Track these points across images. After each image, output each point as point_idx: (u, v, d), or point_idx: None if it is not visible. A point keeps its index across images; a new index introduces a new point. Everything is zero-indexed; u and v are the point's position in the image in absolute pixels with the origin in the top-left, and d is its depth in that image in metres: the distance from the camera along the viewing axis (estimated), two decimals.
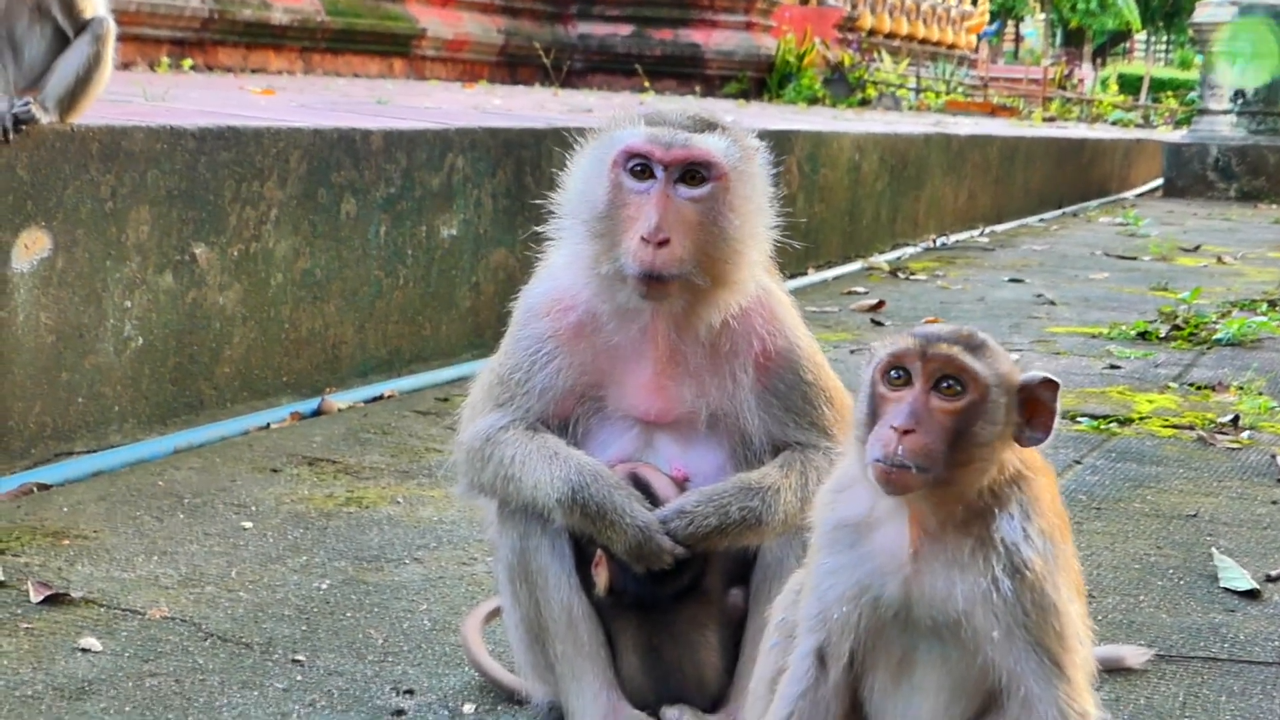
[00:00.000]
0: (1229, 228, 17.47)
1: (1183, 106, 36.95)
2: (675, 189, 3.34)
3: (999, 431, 2.62)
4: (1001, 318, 10.03)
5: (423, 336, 7.43)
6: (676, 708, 3.45)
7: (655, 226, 3.29)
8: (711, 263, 3.35)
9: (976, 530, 2.64)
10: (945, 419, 2.59)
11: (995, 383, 2.62)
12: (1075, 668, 2.66)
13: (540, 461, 3.38)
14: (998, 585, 2.62)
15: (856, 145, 12.84)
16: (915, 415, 2.59)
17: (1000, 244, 14.97)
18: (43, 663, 3.89)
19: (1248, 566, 4.97)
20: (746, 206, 3.40)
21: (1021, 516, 2.65)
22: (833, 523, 2.78)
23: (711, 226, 3.35)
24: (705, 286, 3.36)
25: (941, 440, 2.58)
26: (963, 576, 2.64)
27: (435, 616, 4.34)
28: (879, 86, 28.32)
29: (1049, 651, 2.64)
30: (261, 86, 12.44)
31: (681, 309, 3.39)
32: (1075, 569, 2.78)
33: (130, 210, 5.76)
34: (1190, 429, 6.94)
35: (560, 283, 3.53)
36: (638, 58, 23.66)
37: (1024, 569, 2.62)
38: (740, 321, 3.46)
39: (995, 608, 2.62)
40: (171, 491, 5.38)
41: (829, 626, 2.78)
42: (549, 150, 8.08)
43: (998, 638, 2.63)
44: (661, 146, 3.35)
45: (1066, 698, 2.64)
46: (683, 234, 3.31)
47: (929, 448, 2.57)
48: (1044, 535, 2.65)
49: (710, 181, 3.35)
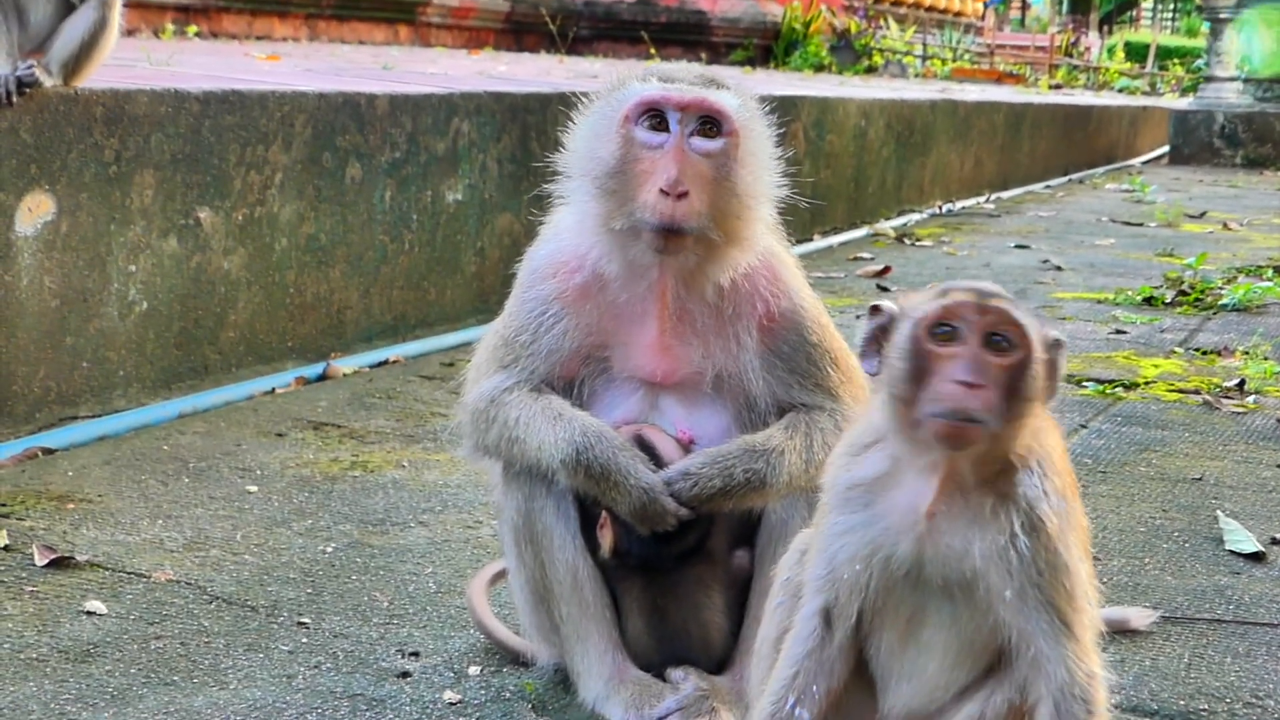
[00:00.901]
0: (1235, 194, 17.43)
1: (1189, 74, 36.84)
2: (690, 142, 3.33)
3: (1041, 386, 2.62)
4: (1007, 284, 9.93)
5: (428, 301, 7.42)
6: (681, 669, 3.45)
7: (675, 178, 3.28)
8: (724, 218, 3.35)
9: (1000, 487, 2.64)
10: (999, 374, 2.58)
11: (1038, 339, 2.63)
12: (1084, 628, 2.66)
13: (545, 423, 3.37)
14: (1015, 542, 2.62)
15: (863, 111, 12.81)
16: (978, 369, 2.57)
17: (1006, 210, 14.94)
18: (48, 626, 3.89)
19: (1253, 529, 4.97)
20: (757, 163, 3.40)
21: (1040, 473, 2.65)
22: (847, 482, 2.77)
23: (725, 181, 3.34)
24: (719, 242, 3.35)
25: (998, 394, 2.57)
26: (982, 533, 2.63)
27: (440, 579, 4.34)
28: (885, 54, 28.26)
29: (1059, 611, 2.64)
30: (266, 53, 12.41)
31: (692, 265, 3.38)
32: (1084, 528, 2.78)
33: (134, 174, 5.74)
34: (1196, 393, 6.93)
35: (565, 243, 3.52)
36: (643, 25, 23.62)
37: (1041, 525, 2.62)
38: (745, 283, 3.45)
39: (1010, 565, 2.62)
40: (176, 456, 5.38)
41: (837, 587, 2.78)
42: (554, 115, 8.06)
43: (1010, 597, 2.63)
44: (678, 95, 3.34)
45: (1075, 657, 2.64)
46: (700, 187, 3.31)
47: (993, 401, 2.56)
48: (1059, 493, 2.66)
49: (724, 136, 3.35)
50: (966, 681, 2.77)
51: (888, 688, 2.84)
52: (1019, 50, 38.95)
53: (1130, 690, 3.76)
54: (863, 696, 2.88)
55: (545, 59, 18.17)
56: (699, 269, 3.38)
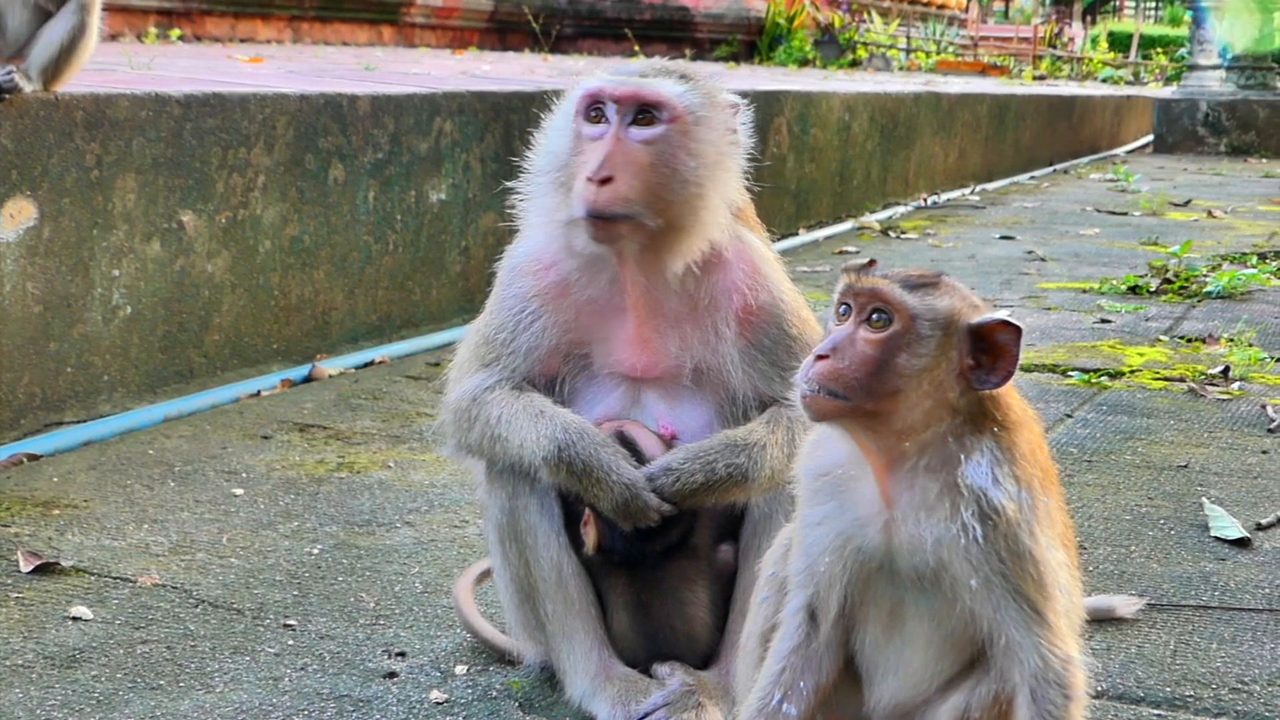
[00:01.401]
0: (1219, 182, 17.45)
1: (1172, 63, 36.88)
2: (628, 131, 3.34)
3: (926, 364, 2.61)
4: (993, 274, 10.02)
5: (413, 302, 7.42)
6: (667, 664, 3.45)
7: (598, 165, 3.30)
8: (664, 204, 3.33)
9: (944, 476, 2.64)
10: (868, 348, 2.60)
11: (926, 316, 2.62)
12: (1056, 614, 2.66)
13: (526, 420, 3.38)
14: (967, 530, 2.61)
15: (846, 105, 12.81)
16: (835, 343, 2.62)
17: (991, 202, 14.95)
18: (33, 632, 3.89)
19: (1238, 516, 4.97)
20: (706, 151, 3.38)
21: (991, 463, 2.63)
22: (813, 472, 2.79)
23: (663, 168, 3.33)
24: (657, 228, 3.34)
25: (861, 369, 2.60)
26: (932, 521, 2.63)
27: (427, 579, 4.34)
28: (869, 47, 28.30)
29: (1028, 599, 2.63)
30: (250, 55, 12.41)
31: (639, 252, 3.37)
32: (1061, 520, 2.77)
33: (116, 178, 5.74)
34: (1181, 381, 6.94)
35: (539, 241, 3.53)
36: (627, 22, 23.65)
37: (994, 514, 2.61)
38: (721, 275, 3.45)
39: (970, 555, 2.62)
40: (162, 460, 5.37)
41: (816, 580, 2.79)
42: (537, 114, 7.99)
43: (975, 586, 2.63)
44: (613, 84, 3.36)
45: (1048, 644, 2.64)
46: (630, 174, 3.30)
47: (841, 373, 2.59)
48: (1018, 482, 2.64)
49: (663, 123, 3.35)
50: (951, 673, 2.78)
51: (873, 681, 2.84)
52: (1003, 42, 38.97)
53: (1116, 677, 3.77)
54: (851, 690, 2.88)
55: (529, 58, 18.18)
56: (653, 256, 3.38)
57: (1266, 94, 22.27)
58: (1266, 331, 8.11)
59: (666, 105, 3.35)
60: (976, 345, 2.63)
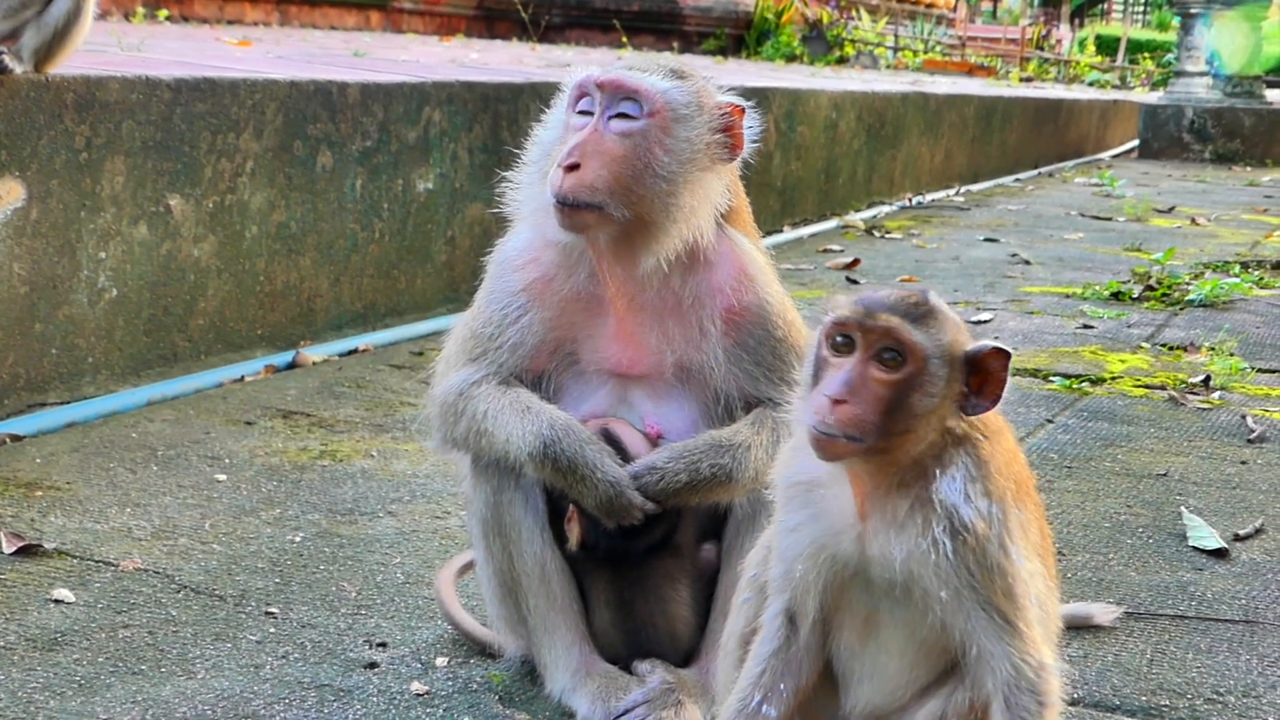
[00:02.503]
0: (1203, 189, 17.50)
1: (1159, 68, 36.95)
2: (609, 123, 3.36)
3: (937, 403, 2.61)
4: (976, 277, 10.05)
5: (398, 290, 7.42)
6: (648, 661, 3.47)
7: (568, 151, 3.33)
8: (634, 197, 3.34)
9: (917, 491, 2.64)
10: (881, 389, 2.58)
11: (937, 354, 2.61)
12: (1028, 623, 2.66)
13: (512, 416, 3.39)
14: (938, 547, 2.61)
15: (834, 103, 12.83)
16: (849, 385, 2.58)
17: (976, 203, 14.98)
18: (15, 614, 3.90)
19: (1216, 526, 5.00)
20: (683, 149, 3.39)
21: (965, 479, 2.64)
22: (788, 480, 2.80)
23: (636, 160, 3.35)
24: (625, 220, 3.35)
25: (875, 410, 2.57)
26: (903, 537, 2.64)
27: (408, 570, 4.35)
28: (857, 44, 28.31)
29: (998, 610, 2.64)
30: (238, 38, 12.39)
31: (612, 245, 3.39)
32: (1038, 530, 2.78)
33: (105, 161, 5.74)
34: (1162, 389, 6.97)
35: (527, 236, 3.54)
36: (615, 13, 23.64)
37: (964, 531, 2.61)
38: (704, 273, 3.46)
39: (940, 569, 2.62)
40: (145, 443, 5.38)
41: (794, 585, 2.80)
42: (526, 105, 8.07)
43: (945, 598, 2.64)
44: (599, 73, 3.39)
45: (1020, 653, 2.65)
46: (599, 163, 3.32)
47: (860, 419, 2.56)
48: (989, 497, 2.64)
49: (644, 117, 3.36)
50: (927, 680, 2.79)
51: (850, 686, 2.86)
52: (990, 43, 39.03)
53: (1093, 685, 3.79)
54: (829, 694, 2.90)
55: (517, 46, 18.17)
56: (626, 249, 3.39)
57: (1253, 102, 22.33)
58: (1248, 341, 8.14)
59: (646, 98, 3.36)
60: (969, 371, 2.64)
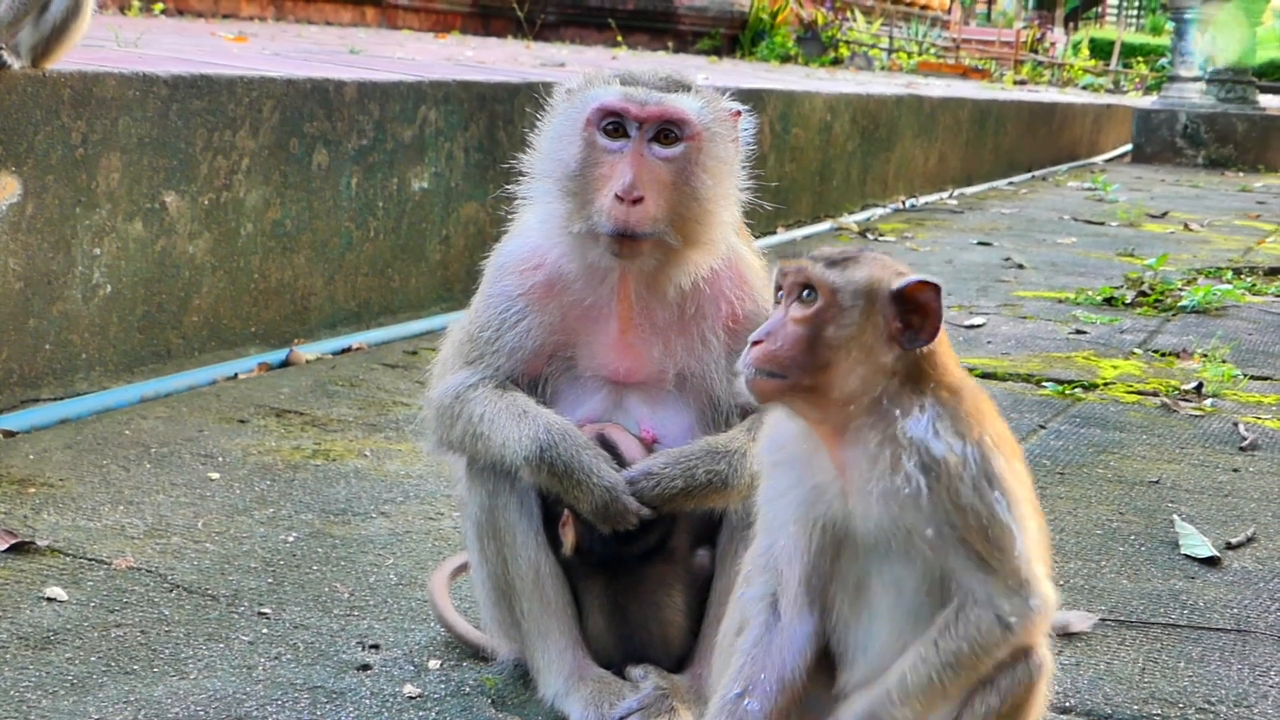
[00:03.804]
0: (1196, 195, 17.52)
1: (1153, 73, 36.98)
2: (649, 148, 3.36)
3: (851, 334, 2.71)
4: (969, 281, 10.06)
5: (392, 289, 7.42)
6: (641, 667, 3.47)
7: (630, 184, 3.31)
8: (683, 222, 3.37)
9: (886, 432, 2.71)
10: (797, 326, 2.71)
11: (848, 289, 2.72)
12: (1010, 569, 2.70)
13: (509, 420, 3.39)
14: (910, 481, 2.67)
15: (828, 105, 12.83)
16: (769, 328, 2.74)
17: (969, 206, 14.99)
18: (7, 611, 3.89)
19: (1208, 534, 5.01)
20: (719, 167, 3.42)
21: (932, 418, 2.71)
22: (770, 446, 2.87)
23: (684, 186, 3.37)
24: (677, 246, 3.38)
25: (791, 347, 2.71)
26: (878, 479, 2.69)
27: (401, 571, 4.35)
28: (851, 46, 28.34)
29: (975, 552, 2.69)
30: (234, 33, 12.38)
31: (652, 268, 3.41)
32: (1016, 478, 2.80)
33: (101, 157, 5.73)
34: (1154, 395, 6.97)
35: (531, 241, 3.54)
36: (610, 12, 23.64)
37: (935, 466, 2.67)
38: (709, 284, 3.48)
39: (919, 506, 2.68)
40: (138, 441, 5.37)
41: (777, 559, 2.84)
42: (522, 105, 8.06)
43: (930, 535, 2.69)
44: (637, 104, 3.37)
45: (1004, 588, 2.70)
46: (656, 192, 3.33)
47: (775, 354, 2.71)
48: (961, 437, 2.70)
49: (683, 141, 3.37)
50: None
51: (845, 664, 2.86)
52: (984, 45, 39.05)
53: (1085, 694, 3.80)
54: (828, 694, 2.90)
55: (512, 44, 18.16)
56: (660, 271, 3.41)
57: (1246, 107, 22.36)
58: (1240, 348, 8.15)
59: (688, 124, 3.37)
60: (904, 308, 2.72)
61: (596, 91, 3.42)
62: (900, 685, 2.72)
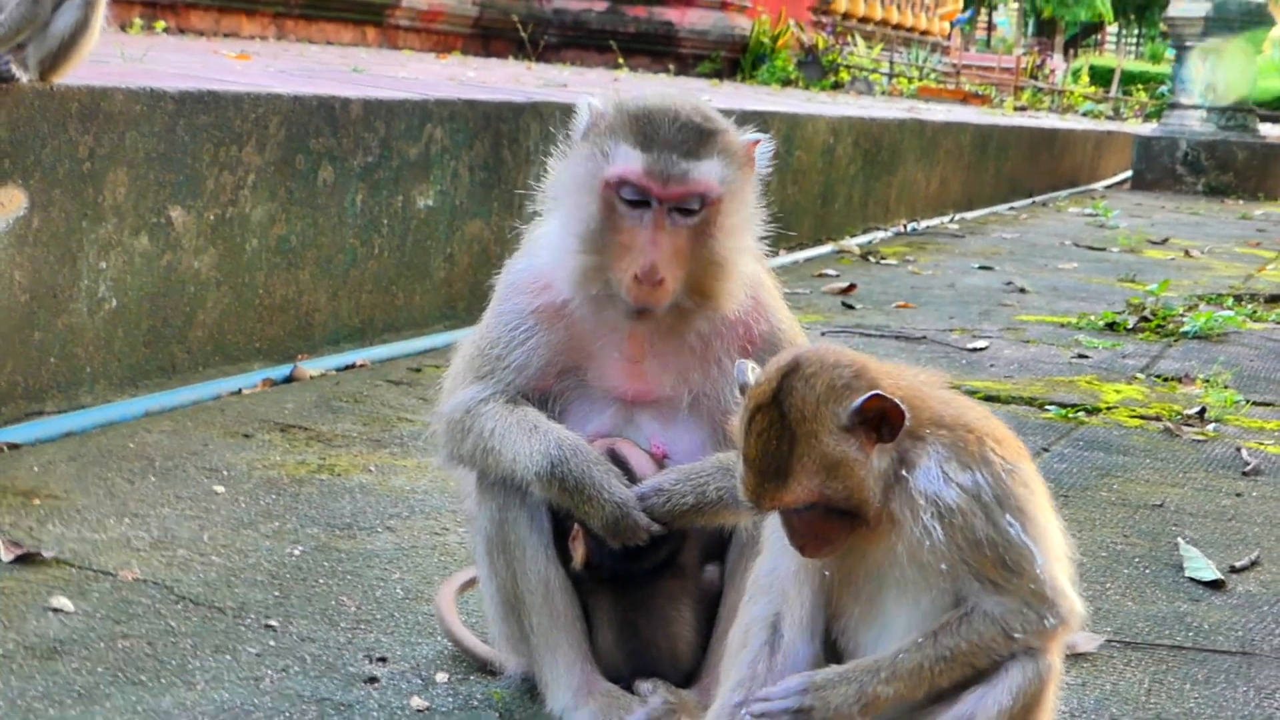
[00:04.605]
0: (1196, 222, 17.55)
1: (1153, 100, 37.06)
2: (670, 217, 3.33)
3: (853, 486, 2.74)
4: (971, 304, 10.06)
5: (396, 306, 7.42)
6: (650, 681, 3.47)
7: (651, 268, 3.28)
8: (700, 284, 3.37)
9: (900, 492, 2.74)
10: (818, 520, 2.78)
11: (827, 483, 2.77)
12: (1029, 584, 2.76)
13: (520, 435, 3.39)
14: (929, 532, 2.72)
15: (831, 128, 12.86)
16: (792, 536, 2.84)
17: (970, 231, 15.01)
18: (14, 622, 3.89)
19: (1212, 557, 5.01)
20: (739, 222, 3.40)
21: (938, 460, 2.75)
22: None
23: (701, 250, 3.35)
24: (692, 307, 3.39)
25: (829, 535, 2.80)
26: (898, 531, 2.74)
27: (408, 586, 4.35)
28: (852, 70, 28.35)
29: (990, 580, 2.75)
30: (236, 51, 12.40)
31: (667, 324, 3.41)
32: (1026, 487, 2.84)
33: (108, 171, 5.74)
34: (1157, 420, 6.98)
35: (542, 261, 3.53)
36: (611, 34, 23.65)
37: (950, 513, 2.72)
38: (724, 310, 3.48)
39: (935, 551, 2.72)
40: (143, 454, 5.37)
41: (783, 581, 2.85)
42: (527, 124, 8.08)
43: (945, 569, 2.74)
44: (659, 183, 3.31)
45: (1018, 606, 2.76)
46: (677, 264, 3.32)
47: (820, 550, 2.82)
48: (970, 469, 2.74)
49: (705, 209, 3.35)
50: None
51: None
52: (984, 71, 39.14)
53: (1090, 714, 3.80)
54: None
55: (514, 65, 18.18)
56: (676, 323, 3.42)
57: (1246, 135, 22.40)
58: (1242, 374, 8.16)
59: (708, 194, 3.34)
60: (863, 421, 2.72)
61: (613, 151, 3.36)
62: (891, 664, 2.76)
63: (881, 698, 2.75)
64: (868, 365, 2.80)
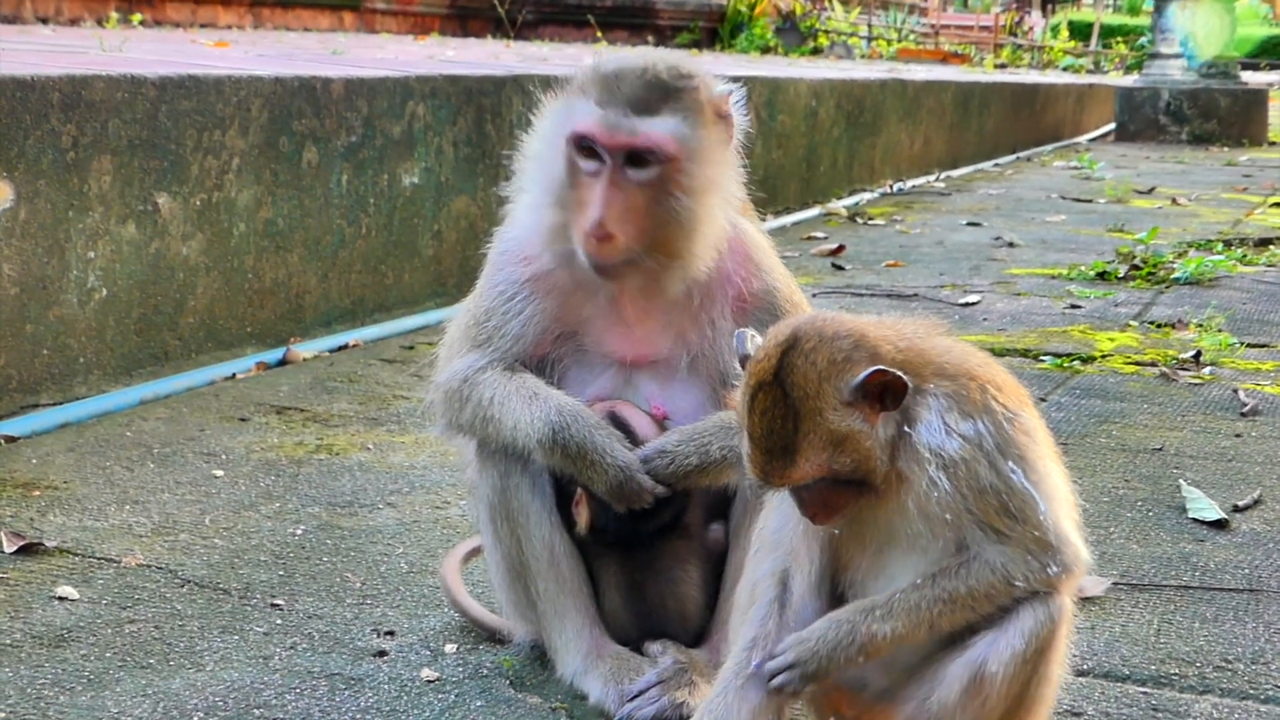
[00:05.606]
0: (1182, 170, 17.54)
1: (1133, 52, 37.02)
2: (624, 171, 3.30)
3: (858, 459, 2.74)
4: (961, 260, 10.05)
5: (386, 285, 7.41)
6: (659, 642, 3.47)
7: (598, 222, 3.27)
8: (661, 243, 3.34)
9: (906, 447, 2.75)
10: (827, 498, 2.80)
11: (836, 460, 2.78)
12: (1033, 531, 2.78)
13: (519, 402, 3.38)
14: (935, 484, 2.73)
15: (813, 91, 12.83)
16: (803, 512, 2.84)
17: (957, 189, 14.99)
18: (20, 612, 3.88)
19: (1214, 498, 5.00)
20: (698, 184, 3.35)
21: (939, 410, 2.75)
22: None
23: (658, 209, 3.32)
24: (657, 266, 3.36)
25: (837, 503, 2.82)
26: (908, 491, 2.75)
27: (412, 559, 4.34)
28: (831, 35, 28.33)
29: (993, 528, 2.76)
30: (213, 40, 12.37)
31: (641, 281, 3.39)
32: (1040, 444, 2.85)
33: (92, 160, 5.72)
34: (1152, 365, 6.97)
35: (528, 229, 3.51)
36: (589, 9, 23.61)
37: (954, 464, 2.73)
38: (715, 269, 3.45)
39: (941, 501, 2.74)
40: (140, 442, 5.36)
41: (791, 538, 2.85)
42: (509, 98, 8.05)
43: (949, 519, 2.75)
44: (607, 132, 3.30)
45: (1021, 554, 2.78)
46: (628, 222, 3.29)
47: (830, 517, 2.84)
48: (971, 418, 2.74)
49: (659, 164, 3.32)
50: None
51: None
52: (963, 30, 39.11)
53: (1101, 656, 3.80)
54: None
55: (492, 44, 18.15)
56: (651, 282, 3.40)
57: (1228, 83, 22.37)
58: (1235, 317, 8.15)
59: (661, 150, 3.31)
60: (865, 396, 2.71)
61: (575, 107, 3.36)
62: (888, 602, 2.78)
63: (878, 636, 2.75)
64: (866, 332, 2.77)
